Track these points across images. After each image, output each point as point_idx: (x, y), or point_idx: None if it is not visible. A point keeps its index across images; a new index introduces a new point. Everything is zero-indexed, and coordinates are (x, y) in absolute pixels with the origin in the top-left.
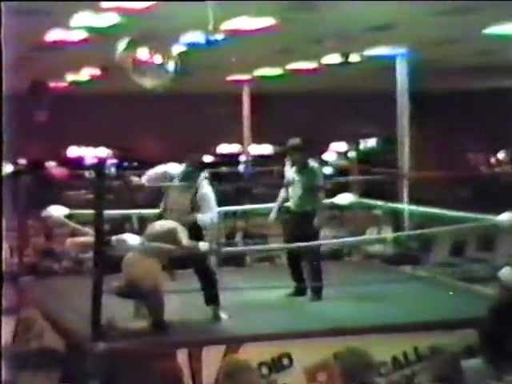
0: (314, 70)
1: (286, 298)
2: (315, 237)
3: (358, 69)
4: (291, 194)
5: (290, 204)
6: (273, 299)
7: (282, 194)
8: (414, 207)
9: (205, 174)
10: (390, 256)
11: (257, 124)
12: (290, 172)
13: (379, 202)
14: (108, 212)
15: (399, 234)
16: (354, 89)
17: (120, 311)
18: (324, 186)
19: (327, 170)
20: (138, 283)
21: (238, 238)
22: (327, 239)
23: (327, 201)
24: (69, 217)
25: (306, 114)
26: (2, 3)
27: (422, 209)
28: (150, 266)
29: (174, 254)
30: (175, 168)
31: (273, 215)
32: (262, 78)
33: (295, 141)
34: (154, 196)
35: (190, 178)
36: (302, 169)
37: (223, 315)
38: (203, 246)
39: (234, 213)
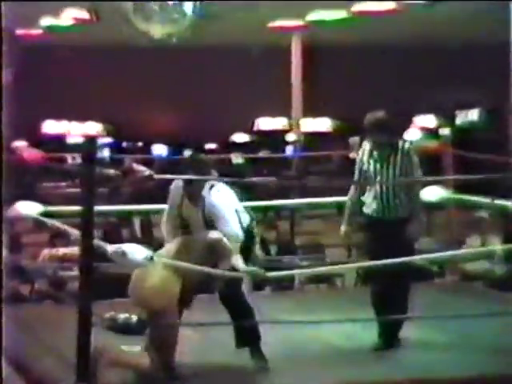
0: (390, 11)
1: (356, 340)
2: (409, 255)
3: (453, 9)
4: (370, 193)
5: (369, 207)
6: (335, 339)
7: (354, 191)
8: None
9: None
10: (500, 278)
11: (310, 89)
12: (368, 160)
13: (483, 200)
14: (100, 212)
15: None
16: (446, 38)
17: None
18: (422, 178)
19: None
20: (149, 307)
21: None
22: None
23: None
24: (45, 217)
25: (378, 74)
26: (2, 3)
27: None
28: (167, 287)
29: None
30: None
31: (346, 225)
32: (318, 23)
33: (378, 115)
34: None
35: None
36: (390, 155)
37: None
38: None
39: (278, 213)
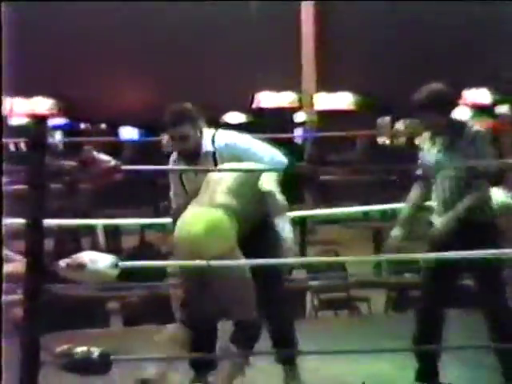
0: None
1: None
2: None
3: None
4: (435, 194)
5: (435, 214)
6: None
7: (417, 191)
8: None
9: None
10: None
11: (326, 56)
12: (429, 149)
13: None
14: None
15: None
16: None
17: None
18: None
19: None
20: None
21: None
22: None
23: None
24: None
25: (412, 37)
26: (2, 3)
27: None
28: (223, 230)
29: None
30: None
31: (398, 231)
32: None
33: (437, 88)
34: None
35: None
36: (454, 141)
37: None
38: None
39: None
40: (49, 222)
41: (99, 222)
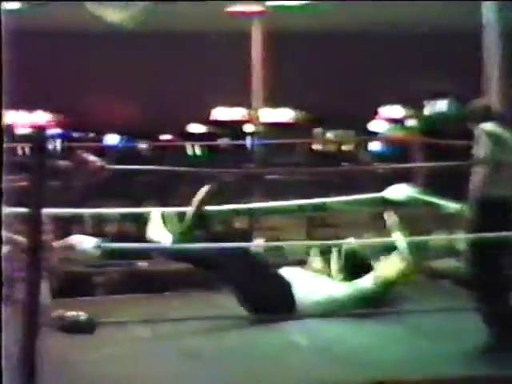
0: None
1: None
2: None
3: None
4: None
5: None
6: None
7: None
8: None
9: None
10: (467, 275)
11: (271, 78)
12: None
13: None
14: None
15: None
16: (414, 25)
17: None
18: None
19: (375, 146)
20: None
21: None
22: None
23: (373, 195)
24: None
25: (343, 62)
26: (2, 3)
27: None
28: None
29: None
30: None
31: None
32: (279, 8)
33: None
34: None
35: None
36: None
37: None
38: None
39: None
40: (47, 211)
41: (86, 211)
